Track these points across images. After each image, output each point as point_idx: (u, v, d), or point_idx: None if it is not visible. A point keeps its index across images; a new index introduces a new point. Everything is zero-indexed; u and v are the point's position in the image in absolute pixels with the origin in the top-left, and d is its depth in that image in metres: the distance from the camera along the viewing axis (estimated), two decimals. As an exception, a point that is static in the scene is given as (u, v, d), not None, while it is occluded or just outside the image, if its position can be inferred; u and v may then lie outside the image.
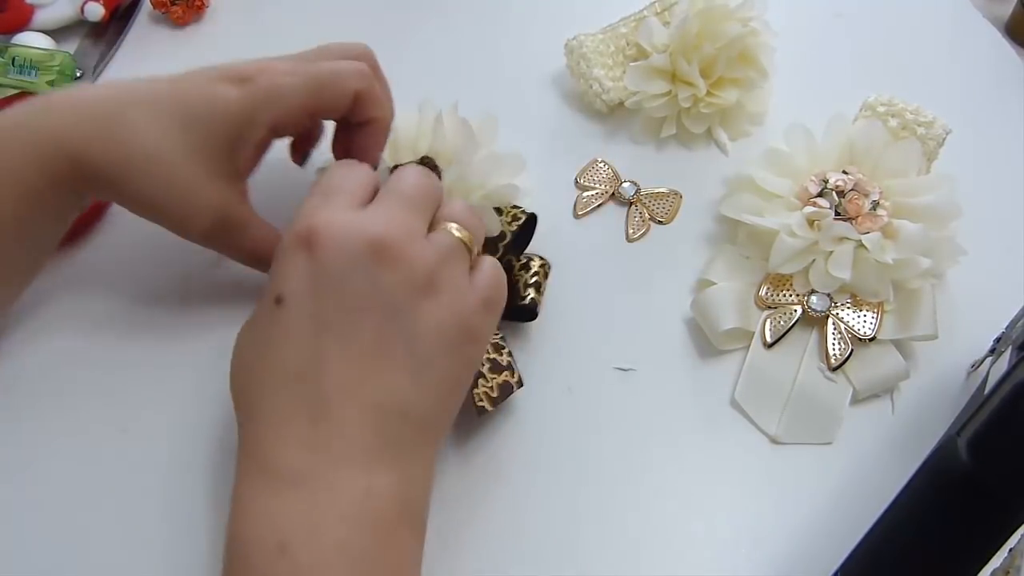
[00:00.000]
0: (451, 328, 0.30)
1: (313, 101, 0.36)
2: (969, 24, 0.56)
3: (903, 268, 0.40)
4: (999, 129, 0.50)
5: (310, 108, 0.36)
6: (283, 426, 0.29)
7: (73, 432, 0.38)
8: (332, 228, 0.29)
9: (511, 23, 0.55)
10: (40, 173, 0.35)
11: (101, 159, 0.35)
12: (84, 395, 0.39)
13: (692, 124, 0.48)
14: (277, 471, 0.28)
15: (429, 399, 0.30)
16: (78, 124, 0.35)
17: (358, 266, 0.29)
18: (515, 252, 0.41)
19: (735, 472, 0.38)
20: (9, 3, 0.52)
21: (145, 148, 0.35)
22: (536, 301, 0.40)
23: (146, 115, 0.35)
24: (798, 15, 0.54)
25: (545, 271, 0.41)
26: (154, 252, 0.44)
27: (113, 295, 0.43)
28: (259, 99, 0.35)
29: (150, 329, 0.42)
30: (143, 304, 0.42)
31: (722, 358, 0.41)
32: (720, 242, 0.44)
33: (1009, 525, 0.27)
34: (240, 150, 0.36)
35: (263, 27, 0.55)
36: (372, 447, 0.29)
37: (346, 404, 0.29)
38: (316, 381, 0.28)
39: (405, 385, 0.29)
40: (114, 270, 0.43)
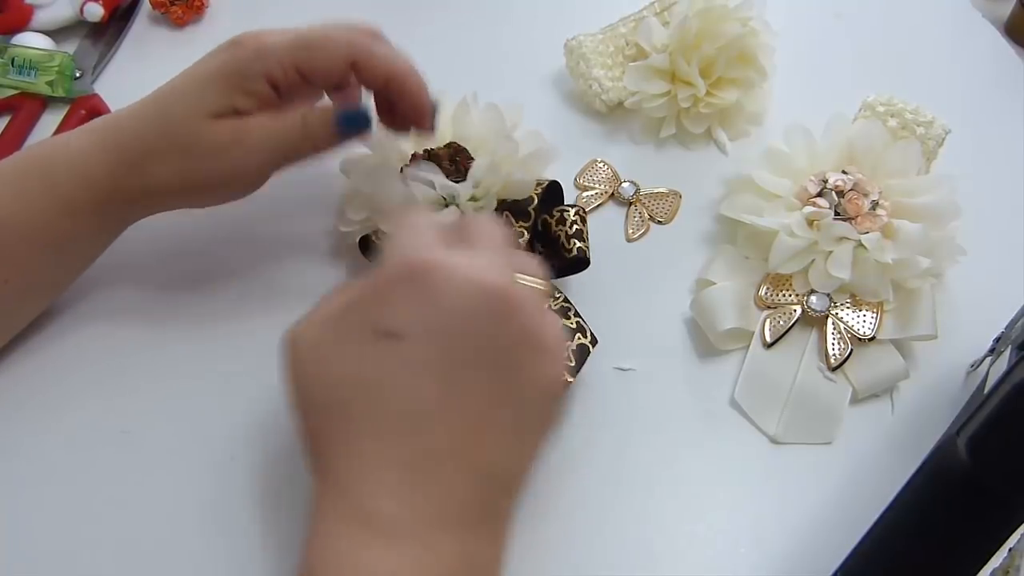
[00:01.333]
0: (551, 388, 0.29)
1: (302, 56, 0.37)
2: (969, 24, 0.56)
3: (903, 268, 0.40)
4: (999, 129, 0.50)
5: (299, 64, 0.37)
6: (383, 472, 0.27)
7: (74, 433, 0.38)
8: (452, 270, 0.27)
9: (511, 23, 0.55)
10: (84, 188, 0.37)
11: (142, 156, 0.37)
12: (85, 396, 0.39)
13: (692, 124, 0.48)
14: (369, 519, 0.27)
15: (526, 464, 0.30)
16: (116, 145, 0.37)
17: (479, 316, 0.27)
18: (547, 212, 0.41)
19: (735, 472, 0.38)
20: (9, 3, 0.52)
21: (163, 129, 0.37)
22: (584, 250, 0.40)
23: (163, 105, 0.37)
24: (798, 15, 0.54)
25: (582, 216, 0.41)
26: (158, 254, 0.44)
27: (118, 297, 0.43)
28: (249, 55, 0.36)
29: (154, 331, 0.42)
30: (145, 304, 0.42)
31: (722, 358, 0.41)
32: (720, 242, 0.44)
33: (1009, 524, 0.27)
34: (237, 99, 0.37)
35: (263, 27, 0.54)
36: (473, 513, 0.28)
37: (455, 464, 0.27)
38: (429, 432, 0.27)
39: (509, 451, 0.29)
40: (119, 273, 0.43)
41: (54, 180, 0.37)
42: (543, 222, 0.41)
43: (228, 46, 0.37)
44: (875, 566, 0.30)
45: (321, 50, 0.37)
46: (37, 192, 0.37)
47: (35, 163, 0.37)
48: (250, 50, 0.37)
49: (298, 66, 0.37)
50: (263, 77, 0.36)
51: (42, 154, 0.38)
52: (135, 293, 0.43)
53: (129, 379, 0.40)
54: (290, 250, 0.44)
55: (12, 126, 0.49)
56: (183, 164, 0.37)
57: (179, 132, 0.36)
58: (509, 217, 0.41)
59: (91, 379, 0.40)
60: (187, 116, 0.36)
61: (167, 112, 0.37)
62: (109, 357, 0.41)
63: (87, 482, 0.37)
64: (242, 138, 0.36)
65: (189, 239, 0.44)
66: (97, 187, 0.37)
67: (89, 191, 0.37)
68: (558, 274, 0.41)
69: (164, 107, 0.37)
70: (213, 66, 0.37)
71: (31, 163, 0.38)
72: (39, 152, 0.38)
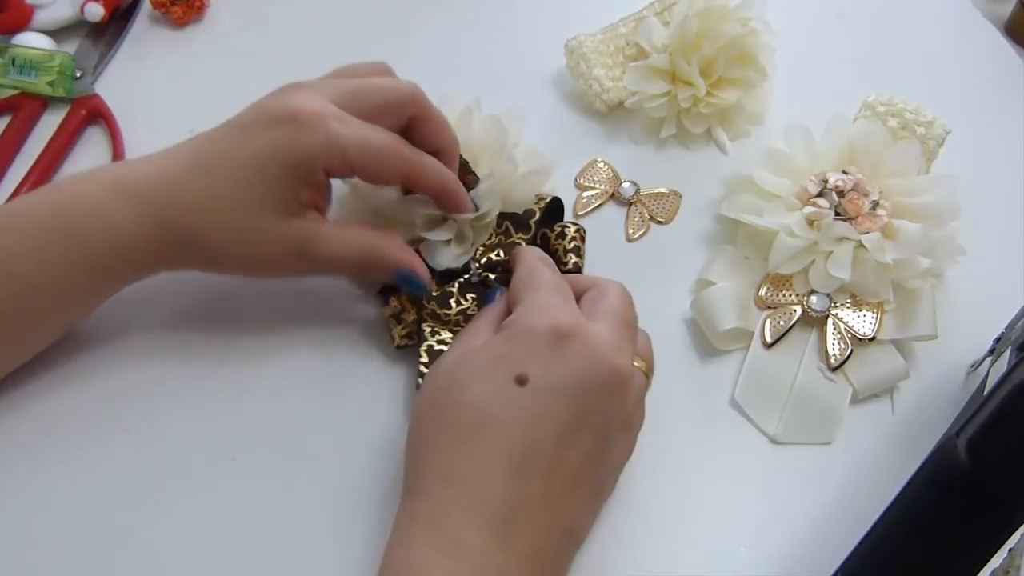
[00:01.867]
0: (624, 461, 0.34)
1: (366, 163, 0.35)
2: (969, 24, 0.56)
3: (903, 268, 0.40)
4: (999, 129, 0.50)
5: (360, 168, 0.36)
6: (485, 506, 0.29)
7: (74, 433, 0.38)
8: (593, 340, 0.31)
9: (511, 23, 0.55)
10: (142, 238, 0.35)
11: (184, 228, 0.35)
12: (85, 395, 0.39)
13: (692, 124, 0.48)
14: (461, 547, 0.28)
15: (592, 519, 0.33)
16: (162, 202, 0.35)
17: (602, 388, 0.31)
18: (547, 227, 0.42)
19: (735, 472, 0.38)
20: (9, 3, 0.52)
21: (205, 222, 0.35)
22: (579, 265, 0.41)
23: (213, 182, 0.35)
24: (798, 15, 0.54)
25: (581, 235, 0.42)
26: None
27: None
28: (316, 145, 0.34)
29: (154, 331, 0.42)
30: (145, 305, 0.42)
31: (722, 358, 0.41)
32: (720, 242, 0.44)
33: (1009, 525, 0.27)
34: (302, 191, 0.36)
35: (263, 27, 0.55)
36: (550, 561, 0.30)
37: (549, 514, 0.30)
38: (528, 478, 0.29)
39: (589, 510, 0.32)
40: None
41: (86, 247, 0.35)
42: (543, 236, 0.42)
43: (286, 123, 0.34)
44: (875, 566, 0.30)
45: (385, 160, 0.36)
46: (67, 259, 0.35)
47: (61, 223, 0.35)
48: (319, 138, 0.34)
49: (358, 169, 0.36)
50: (323, 170, 0.35)
51: (68, 213, 0.35)
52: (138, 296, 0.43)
53: (130, 379, 0.40)
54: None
55: (12, 126, 0.49)
56: (238, 252, 0.36)
57: (242, 227, 0.35)
58: (509, 228, 0.41)
59: (92, 379, 0.40)
60: (250, 211, 0.35)
61: (224, 197, 0.35)
62: (110, 357, 0.41)
63: (87, 482, 0.37)
64: (307, 248, 0.36)
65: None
66: (136, 257, 0.36)
67: (128, 261, 0.36)
68: None
69: (219, 189, 0.35)
70: (272, 149, 0.34)
71: (57, 221, 0.35)
72: (65, 212, 0.35)
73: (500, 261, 0.40)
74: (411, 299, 0.39)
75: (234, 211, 0.35)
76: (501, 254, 0.40)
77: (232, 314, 0.42)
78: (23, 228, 0.35)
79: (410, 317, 0.39)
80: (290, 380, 0.40)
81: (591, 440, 0.31)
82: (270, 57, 0.52)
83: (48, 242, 0.35)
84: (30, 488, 0.37)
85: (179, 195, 0.35)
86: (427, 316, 0.39)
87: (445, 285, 0.39)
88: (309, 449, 0.38)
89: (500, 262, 0.40)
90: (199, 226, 0.35)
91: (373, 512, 0.36)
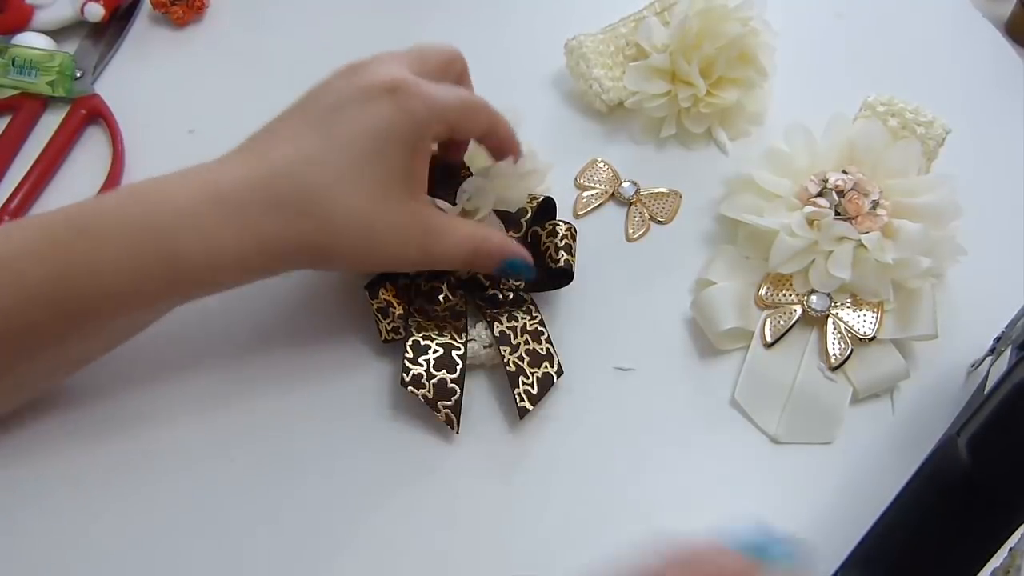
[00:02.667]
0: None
1: (465, 118, 0.36)
2: (969, 24, 0.56)
3: (903, 268, 0.40)
4: (999, 129, 0.50)
5: (458, 125, 0.35)
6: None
7: (73, 432, 0.38)
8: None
9: (511, 23, 0.55)
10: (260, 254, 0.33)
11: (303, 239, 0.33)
12: (84, 395, 0.39)
13: (692, 124, 0.48)
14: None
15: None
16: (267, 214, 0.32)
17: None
18: (538, 225, 0.42)
19: (735, 472, 0.38)
20: (9, 3, 0.52)
21: (336, 211, 0.33)
22: (570, 262, 0.41)
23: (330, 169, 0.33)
24: (798, 15, 0.54)
25: (572, 234, 0.41)
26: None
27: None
28: (423, 111, 0.33)
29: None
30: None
31: (722, 358, 0.41)
32: (720, 242, 0.44)
33: (1009, 524, 0.27)
34: (416, 163, 0.34)
35: (263, 27, 0.55)
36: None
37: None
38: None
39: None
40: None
41: (177, 264, 0.32)
42: (534, 233, 0.42)
43: (388, 94, 0.33)
44: (876, 565, 0.30)
45: (477, 114, 0.36)
46: (156, 273, 0.32)
47: (151, 235, 0.31)
48: (423, 103, 0.33)
49: (457, 128, 0.35)
50: (432, 136, 0.34)
51: (160, 226, 0.31)
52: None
53: (129, 377, 0.40)
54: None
55: (12, 126, 0.49)
56: (366, 244, 0.34)
57: (370, 212, 0.33)
58: (501, 226, 0.41)
59: (91, 378, 0.40)
60: (375, 192, 0.33)
61: (349, 181, 0.33)
62: (108, 355, 0.41)
63: (86, 481, 0.37)
64: (427, 242, 0.35)
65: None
66: (233, 270, 0.33)
67: (222, 275, 0.33)
68: (541, 287, 0.41)
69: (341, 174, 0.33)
70: (384, 121, 0.33)
71: (147, 233, 0.31)
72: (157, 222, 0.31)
73: None
74: (398, 294, 0.39)
75: (361, 194, 0.33)
76: None
77: (217, 308, 0.42)
78: (111, 230, 0.31)
79: (397, 312, 0.39)
80: (275, 373, 0.40)
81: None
82: (270, 57, 0.52)
83: (139, 247, 0.31)
84: (27, 486, 0.37)
85: (289, 188, 0.32)
86: (414, 311, 0.39)
87: (433, 281, 0.39)
88: (294, 442, 0.38)
89: None
90: (325, 222, 0.33)
91: (358, 503, 0.36)
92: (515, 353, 0.38)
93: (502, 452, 0.38)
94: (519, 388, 0.37)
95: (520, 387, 0.37)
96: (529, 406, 0.37)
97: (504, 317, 0.39)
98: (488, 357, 0.39)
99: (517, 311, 0.40)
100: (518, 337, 0.39)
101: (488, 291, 0.40)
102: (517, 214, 0.41)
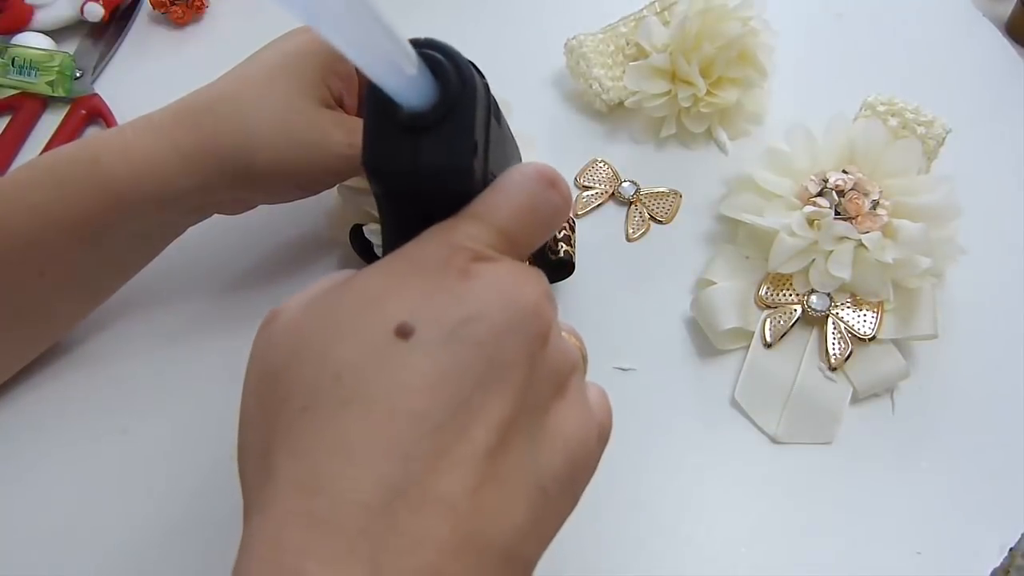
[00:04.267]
0: (578, 447, 0.23)
1: None
2: (969, 24, 0.55)
3: (903, 268, 0.40)
4: (999, 129, 0.50)
5: None
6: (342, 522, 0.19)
7: (72, 431, 0.38)
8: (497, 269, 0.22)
9: (511, 23, 0.55)
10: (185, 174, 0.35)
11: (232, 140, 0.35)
12: (84, 394, 0.39)
13: (692, 124, 0.48)
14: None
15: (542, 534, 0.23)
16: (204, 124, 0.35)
17: (515, 327, 0.21)
18: None
19: (735, 472, 0.38)
20: (9, 3, 0.52)
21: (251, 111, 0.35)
22: (570, 253, 0.40)
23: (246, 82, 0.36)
24: (798, 15, 0.54)
25: (571, 225, 0.41)
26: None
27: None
28: None
29: (152, 329, 0.42)
30: (146, 302, 0.42)
31: (722, 358, 0.41)
32: (720, 242, 0.44)
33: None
34: (332, 81, 0.36)
35: (263, 27, 0.54)
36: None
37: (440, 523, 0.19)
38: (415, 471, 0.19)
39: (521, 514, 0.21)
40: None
41: (105, 176, 0.35)
42: None
43: (303, 31, 0.37)
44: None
45: None
46: (85, 186, 0.35)
47: (83, 154, 0.35)
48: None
49: None
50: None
51: (91, 144, 0.36)
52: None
53: (128, 377, 0.40)
54: (287, 249, 0.44)
55: (12, 126, 0.49)
56: (286, 142, 0.35)
57: (284, 111, 0.35)
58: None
59: (91, 378, 0.40)
60: (289, 97, 0.35)
61: (260, 86, 0.35)
62: (107, 355, 0.41)
63: (85, 480, 0.37)
64: (345, 128, 0.36)
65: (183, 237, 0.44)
66: (160, 185, 0.35)
67: (151, 192, 0.35)
68: None
69: (254, 83, 0.35)
70: (299, 44, 0.36)
71: (80, 152, 0.36)
72: (88, 143, 0.36)
73: None
74: None
75: (276, 95, 0.35)
76: None
77: (218, 314, 0.42)
78: (51, 162, 0.36)
79: None
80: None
81: (508, 408, 0.21)
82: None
83: (70, 171, 0.35)
84: (27, 486, 0.37)
85: (207, 102, 0.36)
86: None
87: None
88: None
89: None
90: (239, 123, 0.35)
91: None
92: None
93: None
94: None
95: None
96: None
97: None
98: None
99: None
100: None
101: None
102: None
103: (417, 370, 0.20)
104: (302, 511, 0.19)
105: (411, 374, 0.20)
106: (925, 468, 0.38)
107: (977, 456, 0.38)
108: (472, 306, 0.21)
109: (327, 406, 0.20)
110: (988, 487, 0.37)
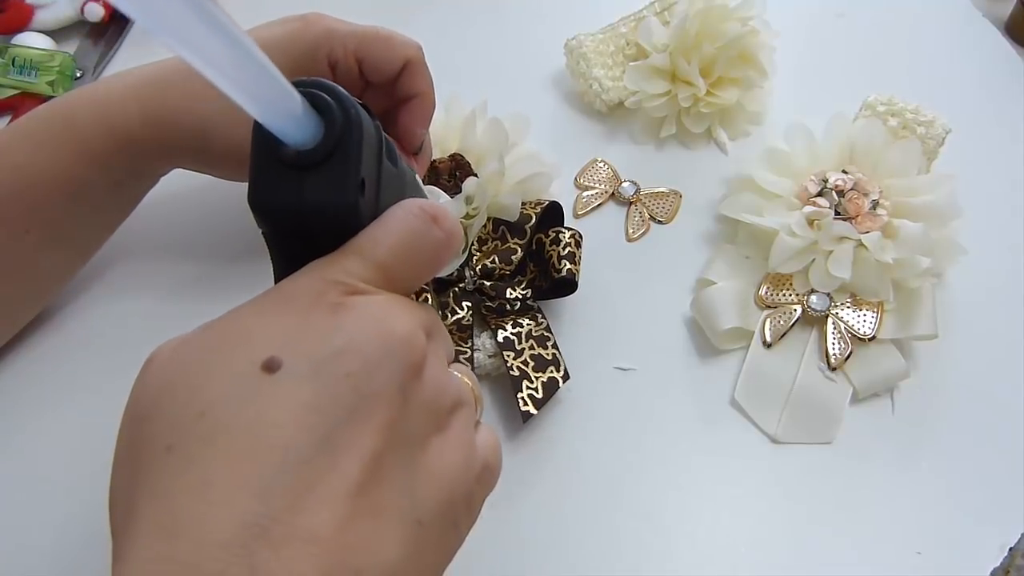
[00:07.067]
0: (456, 483, 0.23)
1: (366, 45, 0.37)
2: (969, 24, 0.56)
3: (903, 267, 0.40)
4: (999, 129, 0.50)
5: (361, 53, 0.37)
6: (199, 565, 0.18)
7: (70, 427, 0.38)
8: (367, 298, 0.22)
9: (511, 23, 0.55)
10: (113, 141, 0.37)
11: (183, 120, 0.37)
12: (83, 390, 0.39)
13: (692, 124, 0.48)
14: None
15: (429, 561, 0.23)
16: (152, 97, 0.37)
17: (385, 359, 0.21)
18: (544, 231, 0.42)
19: (735, 472, 0.38)
20: (9, 3, 0.52)
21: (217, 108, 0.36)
22: (573, 272, 0.40)
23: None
24: (798, 15, 0.54)
25: (576, 240, 0.41)
26: (147, 244, 0.44)
27: (115, 291, 0.43)
28: (318, 34, 0.36)
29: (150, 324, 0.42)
30: (139, 297, 0.42)
31: (722, 358, 0.41)
32: (720, 242, 0.44)
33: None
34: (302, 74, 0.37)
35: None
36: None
37: (306, 558, 0.19)
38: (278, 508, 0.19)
39: (394, 547, 0.21)
40: (117, 266, 0.43)
41: (78, 131, 0.36)
42: (538, 241, 0.41)
43: (296, 20, 0.37)
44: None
45: (385, 43, 0.37)
46: (59, 139, 0.36)
47: (59, 111, 0.37)
48: (319, 28, 0.37)
49: (360, 55, 0.37)
50: (326, 58, 0.37)
51: (66, 101, 0.37)
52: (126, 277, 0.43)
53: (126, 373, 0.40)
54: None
55: (12, 126, 0.49)
56: (237, 142, 0.36)
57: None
58: (506, 233, 0.41)
59: (86, 371, 0.40)
60: None
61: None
62: (105, 352, 0.41)
63: (83, 475, 0.37)
64: None
65: (178, 228, 0.44)
66: (129, 141, 0.37)
67: (122, 148, 0.37)
68: (545, 295, 0.41)
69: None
70: (279, 36, 0.37)
71: (55, 110, 0.37)
72: (64, 101, 0.38)
73: (496, 267, 0.40)
74: None
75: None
76: (496, 260, 0.40)
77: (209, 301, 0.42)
78: (29, 123, 0.37)
79: None
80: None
81: (379, 440, 0.21)
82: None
83: (45, 128, 0.37)
84: (26, 483, 0.37)
85: (175, 73, 0.37)
86: None
87: (440, 296, 0.39)
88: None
89: (496, 268, 0.40)
90: (197, 105, 0.36)
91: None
92: (519, 358, 0.38)
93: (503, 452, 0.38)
94: (523, 392, 0.37)
95: (524, 391, 0.37)
96: (533, 411, 0.37)
97: (509, 324, 0.39)
98: (494, 366, 0.39)
99: (523, 318, 0.40)
100: (523, 342, 0.39)
101: (495, 301, 0.40)
102: (521, 220, 0.41)
103: (282, 404, 0.20)
104: (163, 556, 0.18)
105: (275, 408, 0.20)
106: (925, 468, 0.37)
107: (977, 456, 0.38)
108: (341, 338, 0.21)
109: (189, 444, 0.20)
110: (988, 487, 0.37)
